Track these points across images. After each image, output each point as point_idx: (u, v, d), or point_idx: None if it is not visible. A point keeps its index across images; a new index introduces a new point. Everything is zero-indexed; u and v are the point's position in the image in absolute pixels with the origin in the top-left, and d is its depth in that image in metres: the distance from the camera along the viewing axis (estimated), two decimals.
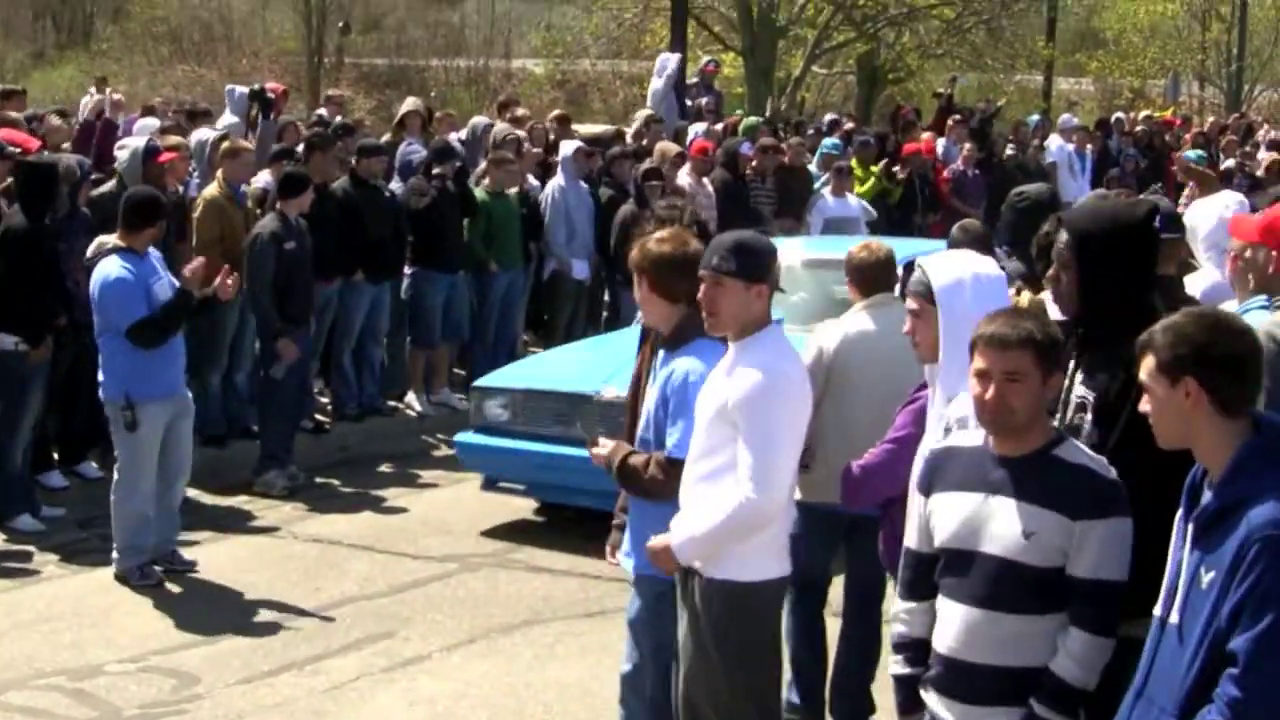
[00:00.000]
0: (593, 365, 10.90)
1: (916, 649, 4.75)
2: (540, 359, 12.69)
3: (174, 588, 9.63)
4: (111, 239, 9.52)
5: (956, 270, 5.15)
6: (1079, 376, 4.82)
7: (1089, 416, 4.71)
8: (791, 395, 5.66)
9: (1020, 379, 4.41)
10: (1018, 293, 6.97)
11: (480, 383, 11.38)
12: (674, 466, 5.94)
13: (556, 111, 19.83)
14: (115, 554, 9.69)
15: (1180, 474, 4.11)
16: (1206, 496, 3.99)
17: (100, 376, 9.57)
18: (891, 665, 4.89)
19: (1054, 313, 5.78)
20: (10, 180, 10.82)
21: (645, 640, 6.22)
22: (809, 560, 6.24)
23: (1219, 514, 3.90)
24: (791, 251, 10.95)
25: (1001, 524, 4.45)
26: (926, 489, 4.72)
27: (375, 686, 8.06)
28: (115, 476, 9.64)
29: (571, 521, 10.45)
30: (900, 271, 7.35)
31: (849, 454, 6.18)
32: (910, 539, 4.80)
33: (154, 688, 8.00)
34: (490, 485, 10.96)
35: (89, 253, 9.65)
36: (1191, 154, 19.43)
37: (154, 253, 9.73)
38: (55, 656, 8.45)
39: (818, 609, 7.33)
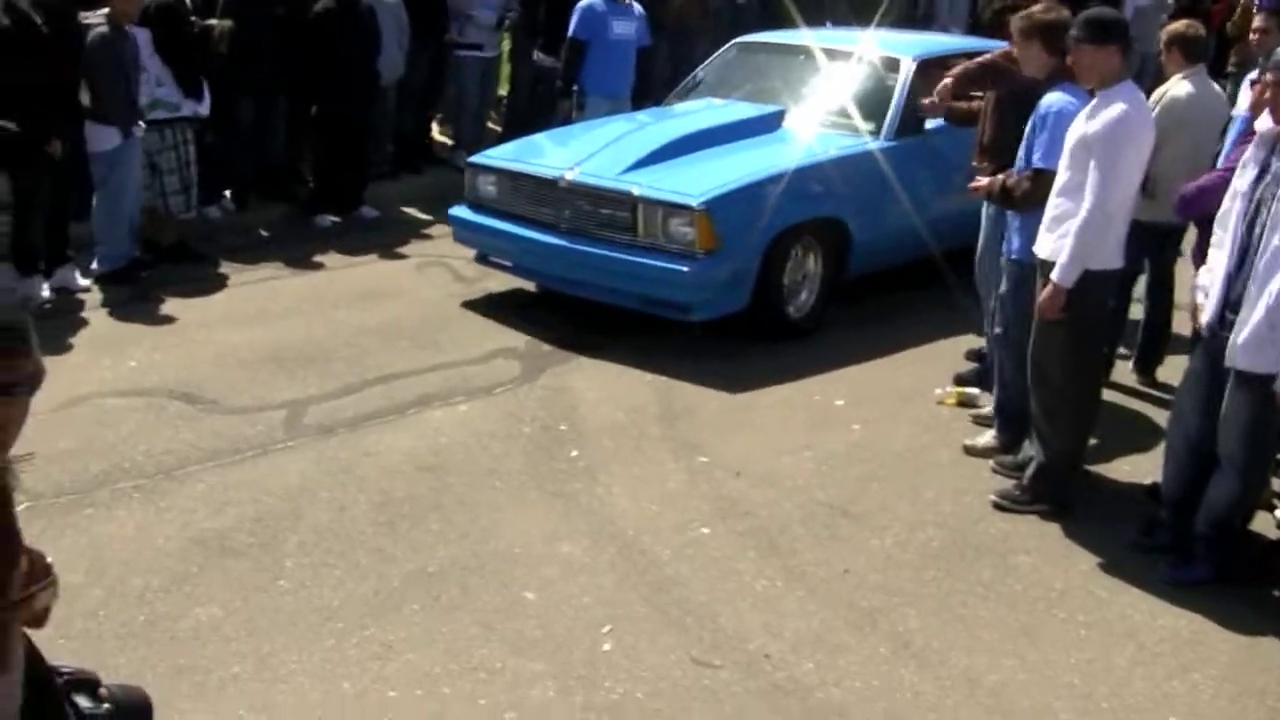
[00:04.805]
0: (572, 148, 7.98)
1: None
2: (534, 139, 8.57)
3: None
4: None
5: None
6: None
7: None
8: (1136, 133, 5.25)
9: None
10: None
11: (475, 159, 8.14)
12: (1038, 175, 5.63)
13: None
14: None
15: None
16: None
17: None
18: None
19: None
20: None
21: (1011, 309, 5.90)
22: (1135, 257, 5.93)
23: None
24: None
25: None
26: None
27: None
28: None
29: None
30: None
31: (1173, 182, 5.77)
32: None
33: None
34: (483, 260, 8.11)
35: None
36: None
37: None
38: None
39: (1130, 289, 7.05)
